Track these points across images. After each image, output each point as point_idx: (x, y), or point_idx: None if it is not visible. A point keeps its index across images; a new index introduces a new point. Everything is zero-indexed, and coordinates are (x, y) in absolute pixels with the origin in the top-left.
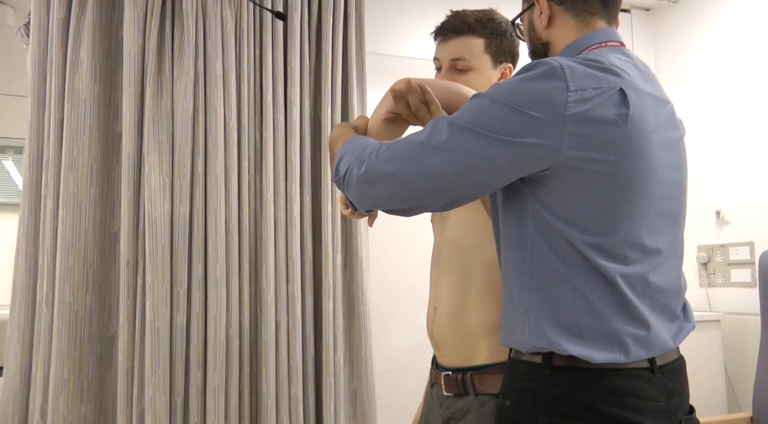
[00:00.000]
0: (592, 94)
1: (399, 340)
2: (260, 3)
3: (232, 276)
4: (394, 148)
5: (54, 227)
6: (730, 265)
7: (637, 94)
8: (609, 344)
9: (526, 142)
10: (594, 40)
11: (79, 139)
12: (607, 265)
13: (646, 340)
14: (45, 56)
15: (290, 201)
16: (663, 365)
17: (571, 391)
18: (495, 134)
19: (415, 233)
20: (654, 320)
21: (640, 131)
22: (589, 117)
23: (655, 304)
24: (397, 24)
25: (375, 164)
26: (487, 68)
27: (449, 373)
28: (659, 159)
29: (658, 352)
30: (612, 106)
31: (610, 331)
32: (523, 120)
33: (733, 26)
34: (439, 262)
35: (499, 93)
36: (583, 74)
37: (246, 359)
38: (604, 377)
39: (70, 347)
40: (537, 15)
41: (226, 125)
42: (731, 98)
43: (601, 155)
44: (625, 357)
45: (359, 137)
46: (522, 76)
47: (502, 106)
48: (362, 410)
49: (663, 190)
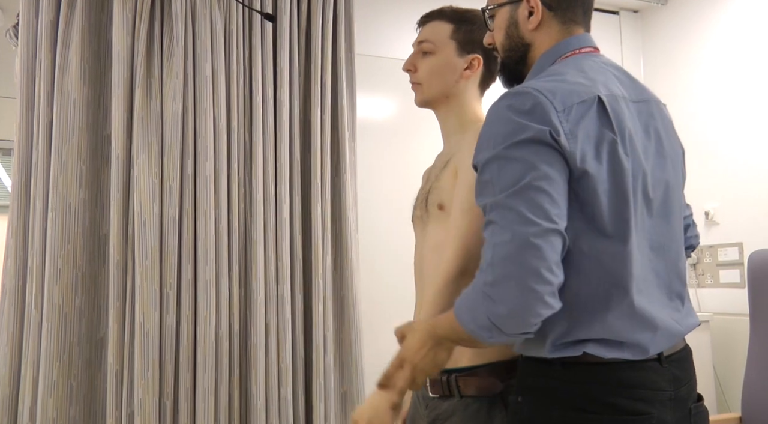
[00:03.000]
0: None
1: (389, 341)
2: (249, 4)
3: (222, 278)
4: (486, 274)
5: (43, 229)
6: (719, 266)
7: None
8: (618, 344)
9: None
10: (570, 47)
11: (69, 141)
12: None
13: (654, 339)
14: (34, 58)
15: (280, 202)
16: (670, 355)
17: (581, 385)
18: (531, 171)
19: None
20: (662, 316)
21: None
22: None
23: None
24: (387, 25)
25: (490, 300)
26: (450, 54)
27: None
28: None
29: (666, 345)
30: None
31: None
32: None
33: (721, 28)
34: (423, 265)
35: (493, 146)
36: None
37: (235, 361)
38: (614, 371)
39: (59, 349)
40: (524, 15)
41: (215, 127)
42: (720, 99)
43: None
44: (633, 356)
45: (442, 316)
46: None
47: (508, 149)
48: (352, 411)
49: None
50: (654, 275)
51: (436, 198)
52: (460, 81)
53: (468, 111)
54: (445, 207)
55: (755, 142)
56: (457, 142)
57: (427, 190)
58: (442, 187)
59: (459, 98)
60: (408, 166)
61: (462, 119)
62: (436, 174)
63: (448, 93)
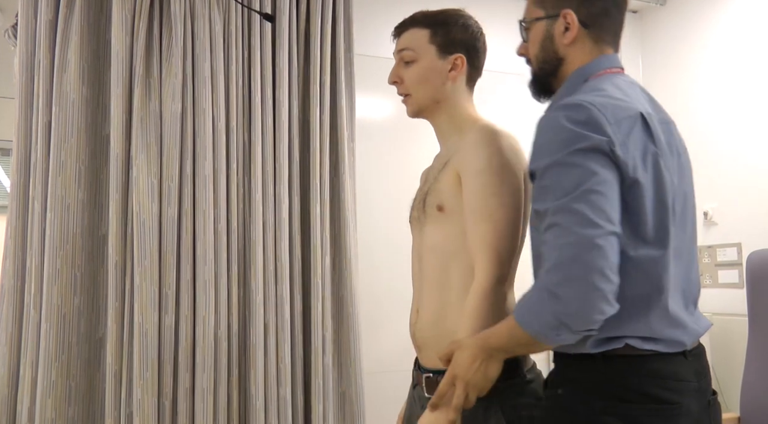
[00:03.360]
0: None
1: (388, 342)
2: (248, 5)
3: (221, 278)
4: (552, 274)
5: (42, 230)
6: (718, 266)
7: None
8: (654, 341)
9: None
10: (601, 66)
11: (67, 141)
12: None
13: (683, 337)
14: (33, 58)
15: (279, 203)
16: (692, 350)
17: (619, 376)
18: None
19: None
20: (685, 317)
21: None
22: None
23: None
24: (386, 26)
25: (557, 299)
26: (433, 59)
27: (430, 375)
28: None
29: (690, 343)
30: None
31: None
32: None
33: (720, 28)
34: (421, 266)
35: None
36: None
37: (234, 361)
38: (648, 363)
39: (58, 350)
40: (560, 30)
41: (214, 127)
42: (719, 100)
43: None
44: (666, 348)
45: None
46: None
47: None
48: (351, 412)
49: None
50: (676, 279)
51: (434, 199)
52: (447, 83)
53: (461, 111)
54: (445, 209)
55: (754, 143)
56: (455, 143)
57: (425, 192)
58: (441, 188)
59: (449, 101)
60: (407, 167)
61: (456, 120)
62: (435, 176)
63: (438, 97)
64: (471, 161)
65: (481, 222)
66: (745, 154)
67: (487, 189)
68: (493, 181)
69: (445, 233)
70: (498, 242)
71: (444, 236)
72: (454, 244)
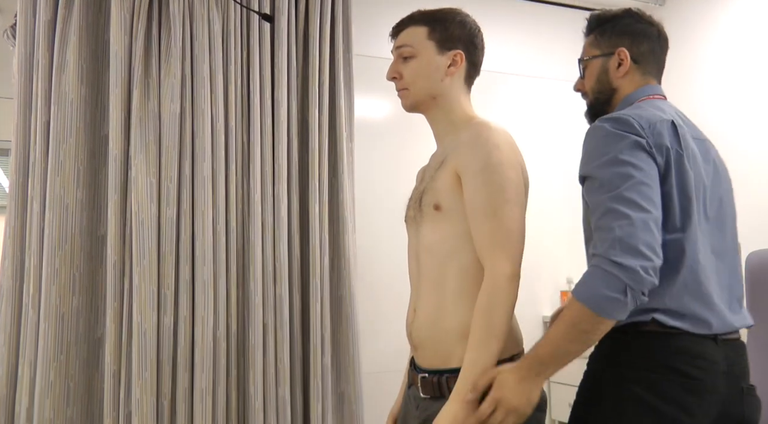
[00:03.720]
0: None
1: (386, 342)
2: (247, 5)
3: (220, 278)
4: (613, 248)
5: (40, 230)
6: None
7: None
8: (681, 315)
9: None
10: (646, 93)
11: (66, 142)
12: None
13: (711, 318)
14: (31, 58)
15: (277, 203)
16: (724, 336)
17: (648, 350)
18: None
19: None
20: (720, 304)
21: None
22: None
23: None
24: (384, 26)
25: (620, 267)
26: (431, 54)
27: (426, 375)
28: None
29: (721, 330)
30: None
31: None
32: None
33: (719, 28)
34: (418, 265)
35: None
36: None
37: (233, 361)
38: (675, 340)
39: (56, 350)
40: (614, 65)
41: (213, 127)
42: (717, 99)
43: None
44: (693, 328)
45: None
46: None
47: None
48: (350, 412)
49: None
50: (716, 273)
51: (431, 198)
52: (445, 79)
53: (457, 109)
54: (442, 208)
55: (753, 143)
56: (452, 142)
57: (421, 191)
58: (438, 187)
59: (446, 97)
60: (405, 166)
61: (452, 118)
62: (431, 174)
63: (435, 93)
64: (470, 160)
65: (487, 219)
66: (744, 155)
67: (489, 186)
68: (495, 178)
69: (442, 232)
70: (506, 238)
71: (441, 236)
72: (451, 243)
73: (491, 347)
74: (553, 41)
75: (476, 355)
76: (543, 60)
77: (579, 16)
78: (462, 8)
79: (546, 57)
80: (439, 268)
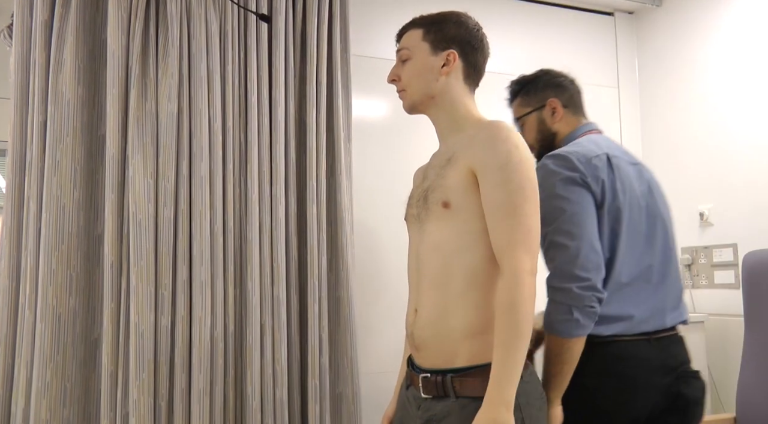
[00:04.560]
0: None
1: (384, 342)
2: (244, 5)
3: (217, 278)
4: (554, 278)
5: (37, 230)
6: (714, 266)
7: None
8: (616, 321)
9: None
10: (582, 131)
11: (63, 142)
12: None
13: (639, 317)
14: (28, 58)
15: (275, 203)
16: (657, 335)
17: (594, 358)
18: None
19: (400, 235)
20: (647, 306)
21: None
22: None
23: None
24: (383, 26)
25: (562, 291)
26: (425, 55)
27: (427, 375)
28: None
29: (651, 328)
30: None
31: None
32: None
33: (717, 29)
34: (420, 264)
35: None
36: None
37: (231, 362)
38: (611, 347)
39: (53, 350)
40: (549, 114)
41: (210, 127)
42: (714, 100)
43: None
44: (624, 330)
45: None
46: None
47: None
48: (348, 413)
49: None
50: (647, 282)
51: (440, 195)
52: (439, 78)
53: (459, 107)
54: (451, 205)
55: (750, 143)
56: (459, 140)
57: (425, 188)
58: (447, 185)
59: (445, 96)
60: (404, 167)
61: (454, 116)
62: (437, 172)
63: (432, 92)
64: (490, 157)
65: (507, 217)
66: (741, 155)
67: (510, 184)
68: (515, 177)
69: (449, 230)
70: (526, 236)
71: (448, 233)
72: (459, 241)
73: (519, 345)
74: (553, 42)
75: (505, 354)
76: (543, 61)
77: (581, 16)
78: (465, 11)
79: (546, 58)
80: (444, 266)
